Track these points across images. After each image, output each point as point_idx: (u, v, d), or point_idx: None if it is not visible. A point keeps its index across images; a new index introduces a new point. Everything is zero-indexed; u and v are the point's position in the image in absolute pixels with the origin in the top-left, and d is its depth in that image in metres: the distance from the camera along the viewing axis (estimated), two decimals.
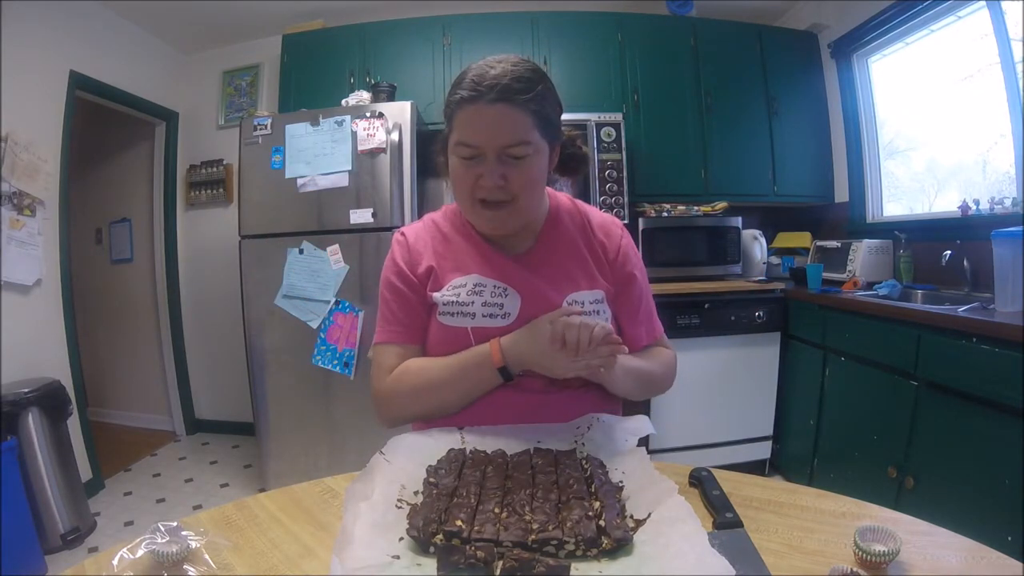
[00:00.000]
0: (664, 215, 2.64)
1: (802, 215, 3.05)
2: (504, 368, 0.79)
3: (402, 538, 0.55)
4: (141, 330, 3.39)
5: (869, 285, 2.21)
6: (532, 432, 0.78)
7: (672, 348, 0.97)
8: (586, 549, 0.53)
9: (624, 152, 2.55)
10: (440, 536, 0.53)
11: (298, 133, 2.25)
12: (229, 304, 3.02)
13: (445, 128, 0.84)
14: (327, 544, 0.59)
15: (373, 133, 2.19)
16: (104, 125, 3.26)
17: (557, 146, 0.87)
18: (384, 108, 2.23)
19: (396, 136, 2.19)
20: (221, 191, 3.21)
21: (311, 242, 2.24)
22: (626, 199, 2.55)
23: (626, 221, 2.48)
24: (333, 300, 2.22)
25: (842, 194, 2.84)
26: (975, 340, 1.45)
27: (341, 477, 0.76)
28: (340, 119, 2.22)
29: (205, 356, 3.35)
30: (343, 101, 2.37)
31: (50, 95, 2.43)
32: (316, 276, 2.24)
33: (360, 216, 2.20)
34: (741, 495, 0.67)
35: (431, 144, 0.94)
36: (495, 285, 0.85)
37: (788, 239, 2.95)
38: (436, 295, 0.86)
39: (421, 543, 0.53)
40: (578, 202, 0.98)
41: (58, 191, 2.45)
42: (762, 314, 2.36)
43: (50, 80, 2.42)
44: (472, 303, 0.84)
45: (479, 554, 0.49)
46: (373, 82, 2.56)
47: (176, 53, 3.24)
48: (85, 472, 2.43)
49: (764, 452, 2.45)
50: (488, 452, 0.72)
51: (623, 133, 2.56)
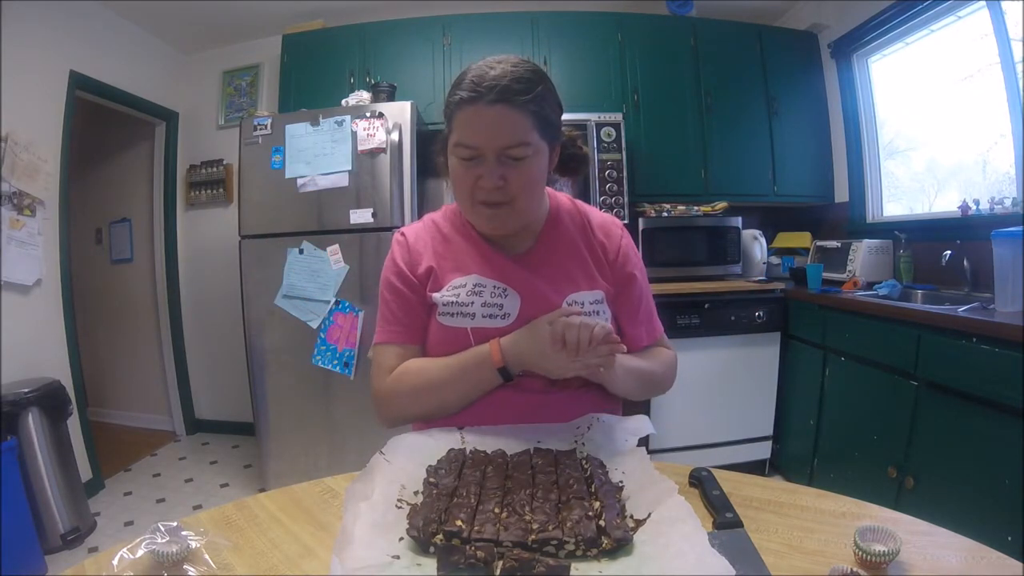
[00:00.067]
0: (664, 215, 2.64)
1: (802, 215, 3.05)
2: (504, 368, 0.79)
3: (402, 538, 0.55)
4: (141, 330, 3.39)
5: (869, 285, 2.21)
6: (532, 432, 0.78)
7: (672, 348, 0.97)
8: (586, 549, 0.53)
9: (624, 152, 2.55)
10: (440, 536, 0.53)
11: (298, 133, 2.25)
12: (229, 304, 3.02)
13: (445, 128, 0.84)
14: (327, 544, 0.59)
15: (373, 133, 2.19)
16: (104, 125, 3.26)
17: (557, 147, 0.87)
18: (384, 108, 2.23)
19: (396, 136, 2.19)
20: (221, 191, 3.21)
21: (311, 242, 2.24)
22: (626, 199, 2.55)
23: (626, 221, 2.48)
24: (333, 300, 2.22)
25: (842, 194, 2.84)
26: (975, 340, 1.46)
27: (341, 477, 0.76)
28: (340, 119, 2.22)
29: (205, 356, 3.35)
30: (343, 101, 2.37)
31: (50, 95, 2.43)
32: (316, 276, 2.24)
33: (360, 216, 2.20)
34: (741, 495, 0.67)
35: (431, 144, 0.94)
36: (495, 285, 0.85)
37: (788, 239, 2.95)
38: (436, 295, 0.85)
39: (421, 543, 0.53)
40: (578, 202, 0.97)
41: (58, 191, 2.45)
42: (762, 314, 2.36)
43: (50, 80, 2.42)
44: (472, 303, 0.84)
45: (479, 554, 0.49)
46: (373, 82, 2.56)
47: (176, 53, 3.24)
48: (85, 472, 2.43)
49: (764, 452, 2.45)
50: (488, 452, 0.72)
51: (623, 133, 2.56)
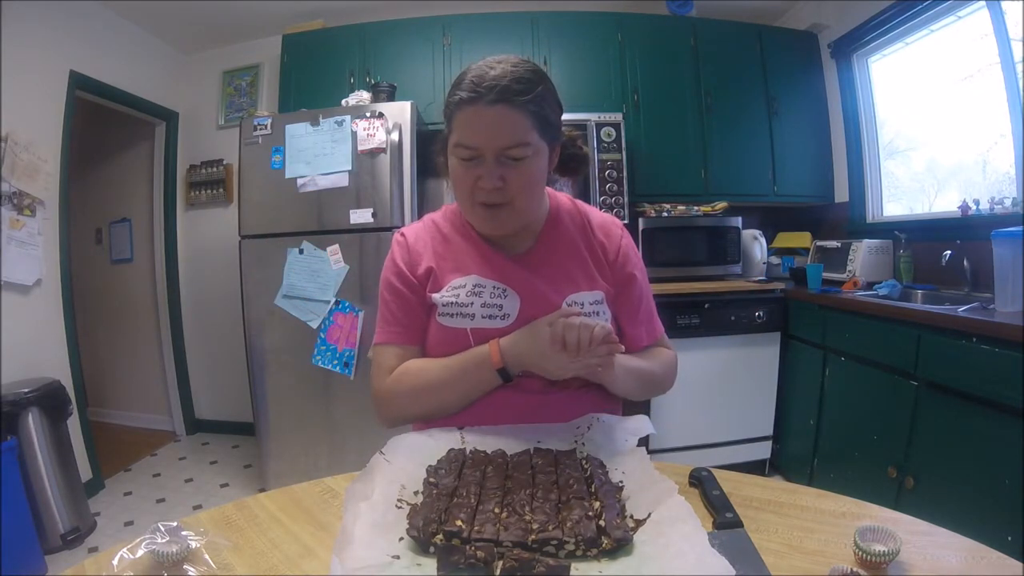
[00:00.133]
0: (664, 215, 2.64)
1: (802, 215, 3.05)
2: (503, 369, 0.79)
3: (402, 538, 0.55)
4: (141, 330, 3.39)
5: (869, 285, 2.21)
6: (532, 432, 0.78)
7: (673, 348, 0.97)
8: (586, 549, 0.53)
9: (624, 152, 2.55)
10: (440, 536, 0.53)
11: (298, 133, 2.25)
12: (229, 304, 3.02)
13: (445, 128, 0.83)
14: (327, 544, 0.59)
15: (373, 133, 2.19)
16: (104, 125, 3.26)
17: (557, 147, 0.87)
18: (384, 108, 2.23)
19: (396, 136, 2.19)
20: (221, 191, 3.21)
21: (311, 242, 2.24)
22: (626, 199, 2.55)
23: (626, 221, 2.48)
24: (333, 300, 2.22)
25: (842, 194, 2.84)
26: (975, 340, 1.46)
27: (341, 477, 0.76)
28: (340, 119, 2.22)
29: (205, 356, 3.35)
30: (343, 101, 2.36)
31: (50, 95, 2.43)
32: (316, 276, 2.24)
33: (360, 216, 2.20)
34: (741, 495, 0.67)
35: (431, 144, 0.94)
36: (494, 286, 0.85)
37: (788, 239, 2.95)
38: (435, 296, 0.85)
39: (421, 543, 0.53)
40: (578, 202, 0.97)
41: (58, 191, 2.45)
42: (762, 314, 2.36)
43: (50, 80, 2.42)
44: (471, 304, 0.83)
45: (479, 554, 0.49)
46: (373, 82, 2.56)
47: (176, 53, 3.24)
48: (85, 472, 2.43)
49: (764, 452, 2.45)
50: (488, 452, 0.72)
51: (623, 133, 2.56)
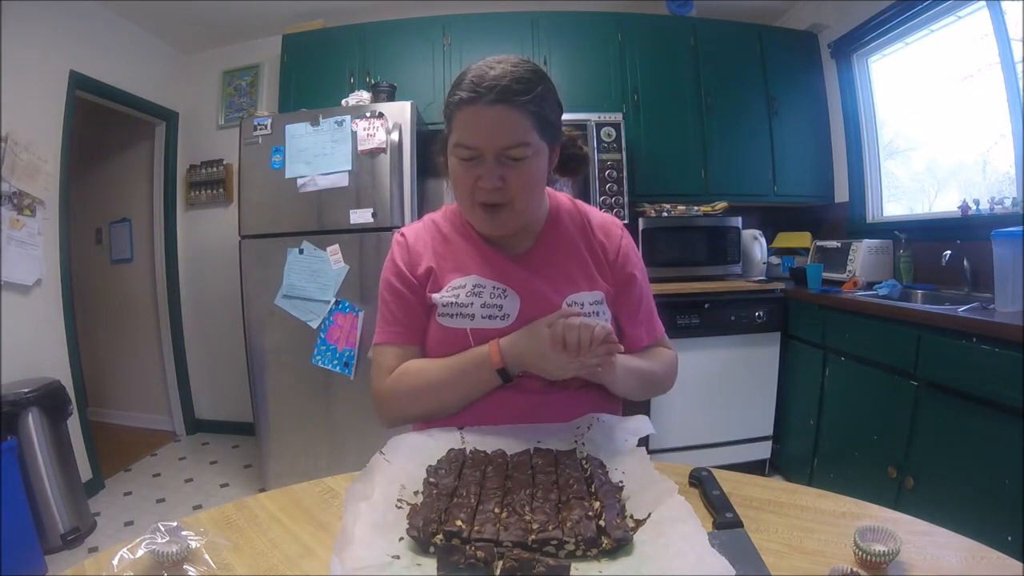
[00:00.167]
0: (664, 215, 2.64)
1: (802, 215, 3.05)
2: (503, 369, 0.79)
3: (402, 538, 0.55)
4: (141, 330, 3.39)
5: (869, 285, 2.21)
6: (532, 432, 0.78)
7: (673, 348, 0.97)
8: (586, 549, 0.53)
9: (624, 152, 2.55)
10: (440, 536, 0.53)
11: (298, 133, 2.25)
12: (229, 304, 3.02)
13: (445, 128, 0.83)
14: (327, 544, 0.59)
15: (373, 133, 2.19)
16: (104, 125, 3.26)
17: (557, 147, 0.87)
18: (384, 108, 2.23)
19: (396, 136, 2.19)
20: (221, 191, 3.21)
21: (311, 242, 2.24)
22: (626, 199, 2.55)
23: (626, 221, 2.48)
24: (333, 300, 2.22)
25: (842, 194, 2.84)
26: (975, 340, 1.45)
27: (341, 477, 0.76)
28: (340, 119, 2.22)
29: (205, 356, 3.35)
30: (343, 101, 2.36)
31: (50, 95, 2.43)
32: (316, 276, 2.24)
33: (360, 216, 2.20)
34: (741, 495, 0.67)
35: (431, 144, 0.94)
36: (494, 286, 0.85)
37: (788, 239, 2.95)
38: (435, 296, 0.85)
39: (421, 543, 0.53)
40: (578, 202, 0.97)
41: (58, 191, 2.45)
42: (762, 314, 2.36)
43: (50, 80, 2.42)
44: (471, 304, 0.83)
45: (479, 554, 0.49)
46: (373, 82, 2.56)
47: (176, 53, 3.24)
48: (85, 472, 2.43)
49: (764, 452, 2.45)
50: (488, 452, 0.72)
51: (623, 133, 2.56)
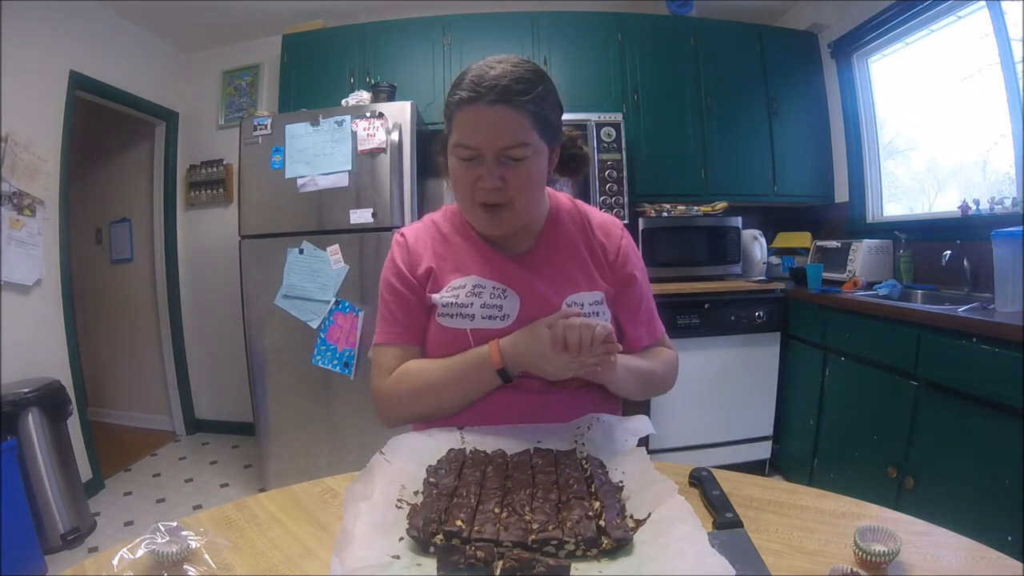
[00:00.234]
0: (664, 215, 2.64)
1: (802, 215, 3.05)
2: (503, 370, 0.79)
3: (402, 538, 0.55)
4: (141, 330, 3.39)
5: (869, 285, 2.21)
6: (532, 432, 0.78)
7: (674, 348, 0.97)
8: (586, 549, 0.53)
9: (624, 152, 2.55)
10: (440, 536, 0.53)
11: (298, 133, 2.25)
12: (229, 304, 3.02)
13: (445, 128, 0.83)
14: (327, 544, 0.59)
15: (373, 133, 2.19)
16: (104, 125, 3.26)
17: (557, 147, 0.87)
18: (384, 108, 2.23)
19: (396, 136, 2.19)
20: (221, 191, 3.21)
21: (311, 242, 2.24)
22: (626, 199, 2.55)
23: (626, 221, 2.48)
24: (333, 300, 2.22)
25: (842, 194, 2.84)
26: (975, 340, 1.45)
27: (341, 477, 0.76)
28: (340, 119, 2.22)
29: (205, 356, 3.35)
30: (343, 101, 2.36)
31: (50, 95, 2.43)
32: (316, 276, 2.24)
33: (360, 216, 2.20)
34: (741, 495, 0.67)
35: (431, 144, 0.94)
36: (494, 286, 0.85)
37: (788, 239, 2.95)
38: (435, 296, 0.85)
39: (421, 543, 0.53)
40: (578, 202, 0.97)
41: (58, 191, 2.45)
42: (762, 314, 2.36)
43: (50, 80, 2.42)
44: (471, 304, 0.83)
45: (479, 554, 0.49)
46: (373, 82, 2.56)
47: (176, 53, 3.24)
48: (85, 472, 2.43)
49: (764, 452, 2.45)
50: (488, 452, 0.72)
51: (623, 133, 2.56)
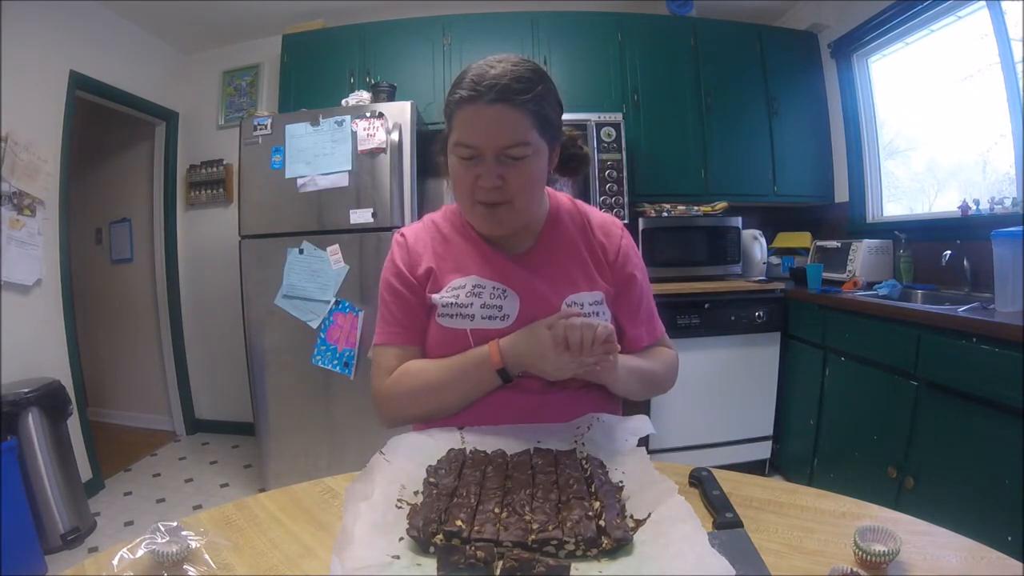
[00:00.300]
0: (664, 215, 2.64)
1: (802, 215, 3.05)
2: (503, 370, 0.79)
3: (402, 538, 0.55)
4: (141, 330, 3.39)
5: (869, 285, 2.21)
6: (532, 432, 0.78)
7: (674, 348, 0.97)
8: (586, 549, 0.53)
9: (624, 152, 2.55)
10: (440, 536, 0.53)
11: (298, 133, 2.25)
12: (229, 304, 3.02)
13: (445, 128, 0.83)
14: (327, 544, 0.59)
15: (373, 133, 2.19)
16: (104, 125, 3.26)
17: (557, 146, 0.87)
18: (384, 108, 2.23)
19: (396, 136, 2.19)
20: (221, 191, 3.21)
21: (311, 242, 2.24)
22: (626, 199, 2.55)
23: (626, 221, 2.48)
24: (333, 300, 2.22)
25: (842, 194, 2.84)
26: (975, 340, 1.45)
27: (341, 477, 0.76)
28: (340, 119, 2.22)
29: (205, 356, 3.35)
30: (343, 101, 2.36)
31: (50, 95, 2.43)
32: (316, 276, 2.24)
33: (360, 216, 2.20)
34: (741, 495, 0.67)
35: (431, 144, 0.94)
36: (494, 287, 0.85)
37: (788, 239, 2.95)
38: (435, 297, 0.85)
39: (421, 543, 0.53)
40: (578, 202, 0.97)
41: (58, 191, 2.44)
42: (762, 314, 2.36)
43: (50, 80, 2.42)
44: (471, 305, 0.83)
45: (479, 554, 0.49)
46: (373, 82, 2.56)
47: (176, 53, 3.24)
48: (85, 472, 2.43)
49: (764, 452, 2.45)
50: (488, 452, 0.72)
51: (623, 133, 2.56)
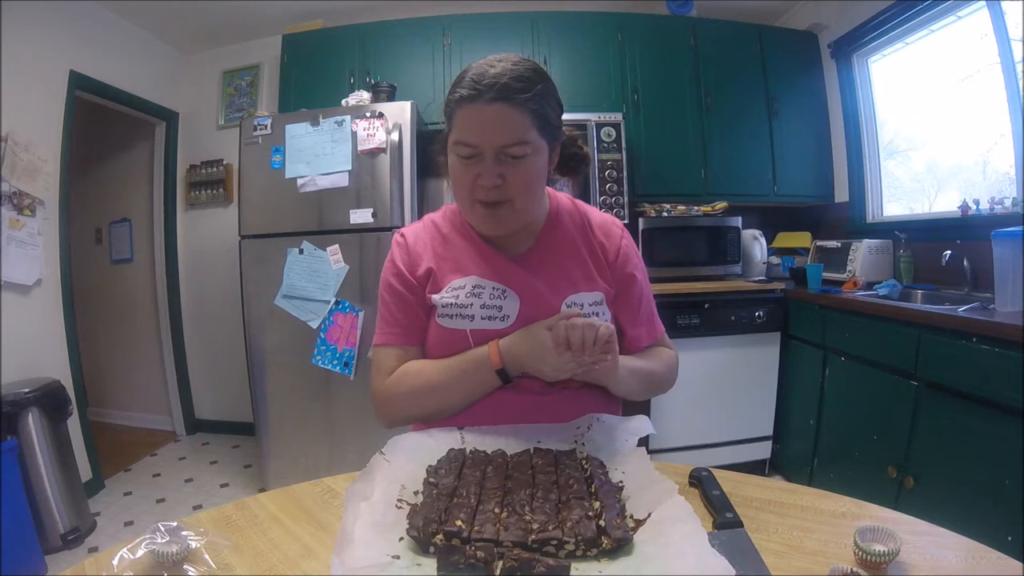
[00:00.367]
0: (664, 215, 2.64)
1: (802, 215, 3.05)
2: (503, 370, 0.79)
3: (402, 538, 0.55)
4: (141, 330, 3.39)
5: (869, 285, 2.21)
6: (532, 432, 0.78)
7: (674, 348, 0.97)
8: (586, 549, 0.53)
9: (624, 152, 2.55)
10: (440, 536, 0.53)
11: (298, 133, 2.25)
12: (229, 304, 3.02)
13: (445, 127, 0.83)
14: (327, 544, 0.59)
15: (373, 133, 2.19)
16: (104, 125, 3.26)
17: (557, 146, 0.87)
18: (384, 108, 2.23)
19: (396, 136, 2.19)
20: (221, 191, 3.21)
21: (311, 242, 2.24)
22: (626, 199, 2.55)
23: (626, 221, 2.48)
24: (333, 300, 2.22)
25: (842, 194, 2.84)
26: (975, 340, 1.45)
27: (341, 477, 0.76)
28: (340, 119, 2.22)
29: (205, 356, 3.35)
30: (343, 101, 2.37)
31: (50, 95, 2.43)
32: (316, 276, 2.24)
33: (360, 216, 2.20)
34: (741, 495, 0.67)
35: (431, 144, 0.94)
36: (494, 287, 0.85)
37: (788, 239, 2.95)
38: (435, 297, 0.85)
39: (421, 543, 0.53)
40: (578, 202, 0.97)
41: (58, 191, 2.44)
42: (762, 314, 2.36)
43: (50, 80, 2.42)
44: (471, 305, 0.83)
45: (479, 554, 0.49)
46: (373, 82, 2.56)
47: (176, 53, 3.24)
48: (85, 472, 2.43)
49: (764, 452, 2.45)
50: (488, 452, 0.72)
51: (623, 133, 2.56)
